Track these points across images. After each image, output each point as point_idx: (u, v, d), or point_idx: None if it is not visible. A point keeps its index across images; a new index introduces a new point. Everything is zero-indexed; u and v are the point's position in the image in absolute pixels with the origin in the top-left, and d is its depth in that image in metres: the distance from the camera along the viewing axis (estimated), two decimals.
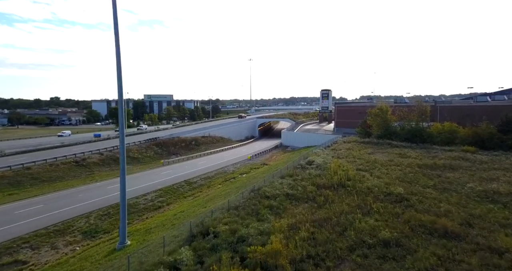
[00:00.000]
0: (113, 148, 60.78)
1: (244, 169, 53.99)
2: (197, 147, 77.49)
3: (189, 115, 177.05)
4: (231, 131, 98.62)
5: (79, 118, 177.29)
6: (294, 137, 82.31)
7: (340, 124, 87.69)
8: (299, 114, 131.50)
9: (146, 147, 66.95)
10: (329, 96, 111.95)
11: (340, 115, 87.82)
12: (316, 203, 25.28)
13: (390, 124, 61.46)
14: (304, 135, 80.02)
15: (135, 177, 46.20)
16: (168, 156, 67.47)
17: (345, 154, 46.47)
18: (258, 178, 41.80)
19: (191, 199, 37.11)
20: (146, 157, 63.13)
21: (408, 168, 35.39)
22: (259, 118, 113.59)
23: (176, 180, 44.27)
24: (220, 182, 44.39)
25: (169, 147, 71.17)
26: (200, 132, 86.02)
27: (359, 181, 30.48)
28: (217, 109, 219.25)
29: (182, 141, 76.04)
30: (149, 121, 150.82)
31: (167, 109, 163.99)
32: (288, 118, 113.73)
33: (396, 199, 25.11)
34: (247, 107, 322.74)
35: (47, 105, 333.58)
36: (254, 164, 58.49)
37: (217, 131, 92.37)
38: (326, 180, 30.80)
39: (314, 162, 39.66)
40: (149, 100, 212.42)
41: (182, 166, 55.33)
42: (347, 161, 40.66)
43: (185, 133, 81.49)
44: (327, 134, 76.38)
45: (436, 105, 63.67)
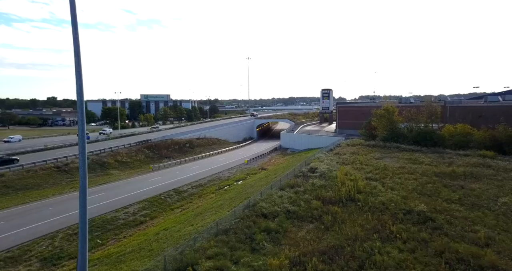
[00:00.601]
0: (100, 151, 56.37)
1: (240, 174, 49.67)
2: (192, 150, 73.09)
3: (186, 115, 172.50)
4: (228, 133, 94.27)
5: (73, 119, 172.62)
6: (293, 139, 78.03)
7: (342, 125, 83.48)
8: (298, 115, 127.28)
9: (136, 150, 62.54)
10: (330, 96, 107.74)
11: (342, 116, 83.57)
12: (323, 223, 21.01)
13: (397, 126, 57.29)
14: (304, 137, 75.77)
15: (119, 185, 41.78)
16: (160, 160, 63.08)
17: (351, 159, 42.26)
18: (255, 186, 37.53)
19: (179, 211, 32.75)
20: (136, 161, 58.72)
21: (425, 177, 31.17)
22: (258, 119, 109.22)
23: (164, 188, 39.88)
24: (213, 191, 40.05)
25: (161, 150, 66.76)
26: (195, 134, 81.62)
27: (371, 194, 26.23)
28: (215, 109, 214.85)
29: (176, 143, 71.65)
30: (145, 122, 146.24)
31: (163, 110, 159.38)
32: (287, 119, 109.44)
33: (418, 218, 20.86)
34: (245, 107, 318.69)
35: (43, 106, 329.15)
36: (251, 169, 54.19)
37: (213, 133, 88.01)
38: (333, 192, 26.53)
39: (317, 169, 35.41)
40: (145, 100, 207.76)
41: (172, 172, 50.94)
42: (353, 168, 36.44)
43: (179, 135, 77.11)
44: (328, 136, 72.17)
45: (445, 105, 59.45)
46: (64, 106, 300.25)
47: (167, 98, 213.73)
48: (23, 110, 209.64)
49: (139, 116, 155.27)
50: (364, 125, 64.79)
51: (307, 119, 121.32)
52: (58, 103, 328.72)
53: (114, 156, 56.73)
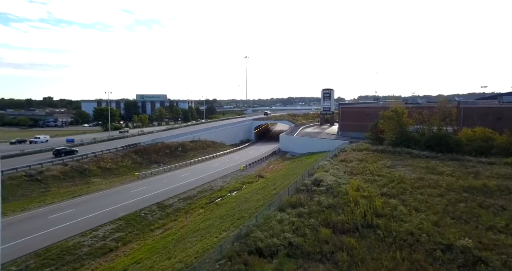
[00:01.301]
0: (81, 156, 51.04)
1: (235, 183, 44.40)
2: (184, 154, 67.76)
3: (183, 116, 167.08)
4: (224, 135, 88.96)
5: (66, 120, 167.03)
6: (293, 142, 72.80)
7: (344, 127, 78.31)
8: (298, 116, 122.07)
9: (123, 155, 57.16)
10: (331, 97, 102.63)
11: (345, 117, 78.38)
12: (336, 264, 15.82)
13: (406, 129, 52.14)
14: (305, 140, 70.55)
15: (96, 197, 36.42)
16: (148, 165, 57.77)
17: (359, 167, 37.08)
18: (250, 200, 32.30)
19: (159, 233, 27.46)
20: (122, 167, 53.37)
21: (452, 193, 25.98)
22: (255, 121, 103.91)
23: (147, 202, 34.56)
24: (202, 204, 34.77)
25: (151, 155, 61.41)
26: (189, 136, 76.28)
27: (393, 217, 21.00)
28: (213, 110, 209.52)
29: (167, 147, 66.31)
30: (139, 123, 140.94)
31: (159, 110, 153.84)
32: (286, 120, 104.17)
33: (464, 258, 15.68)
34: (244, 107, 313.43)
35: (39, 106, 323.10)
36: (247, 176, 48.94)
37: (208, 135, 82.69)
38: (345, 215, 21.29)
39: (322, 181, 30.19)
40: (141, 101, 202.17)
41: (159, 180, 45.59)
42: (364, 180, 31.24)
43: (171, 137, 71.75)
44: (331, 140, 66.99)
45: (459, 106, 54.32)
46: (60, 106, 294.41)
47: (163, 98, 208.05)
48: (15, 110, 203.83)
49: (133, 117, 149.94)
50: (370, 128, 59.64)
51: (307, 121, 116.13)
52: (54, 103, 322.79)
53: (97, 162, 51.38)
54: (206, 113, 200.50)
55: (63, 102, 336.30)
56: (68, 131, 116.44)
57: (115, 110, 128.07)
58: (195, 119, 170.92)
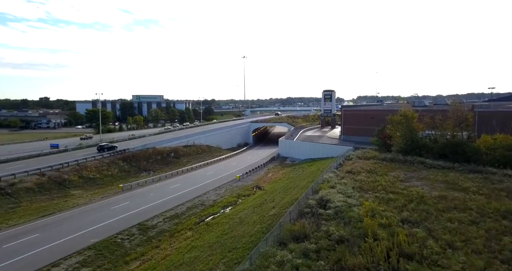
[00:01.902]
0: (61, 165, 46.37)
1: (229, 197, 39.80)
2: (177, 160, 63.10)
3: (179, 117, 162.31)
4: (220, 139, 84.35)
5: (59, 121, 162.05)
6: (293, 147, 68.26)
7: (347, 131, 73.87)
8: (297, 118, 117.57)
9: (109, 163, 52.51)
10: (332, 98, 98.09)
11: (348, 121, 73.92)
12: None
13: (417, 135, 47.70)
14: (306, 145, 66.02)
15: (69, 217, 31.63)
16: (137, 174, 53.16)
17: (369, 181, 32.58)
18: (246, 222, 27.75)
19: (135, 266, 22.83)
20: (107, 177, 48.72)
21: (487, 219, 21.38)
22: (253, 123, 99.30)
23: (127, 222, 29.92)
24: (191, 225, 30.16)
25: (140, 162, 56.75)
26: (183, 141, 71.61)
27: (424, 258, 16.42)
28: (210, 111, 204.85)
29: (158, 153, 61.64)
30: (134, 125, 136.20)
31: (154, 112, 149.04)
32: (285, 123, 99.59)
33: None
34: (242, 108, 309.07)
35: (35, 106, 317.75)
36: (243, 188, 44.37)
37: (203, 139, 78.07)
38: (363, 256, 16.74)
39: (329, 201, 25.62)
40: (137, 101, 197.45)
41: (146, 193, 40.92)
42: (377, 199, 26.71)
43: (163, 142, 67.08)
44: (334, 145, 62.48)
45: (474, 110, 49.86)
46: (56, 107, 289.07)
47: (160, 99, 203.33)
48: (8, 111, 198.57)
49: (126, 119, 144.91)
50: (376, 133, 55.13)
51: (307, 123, 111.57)
52: (50, 103, 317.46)
53: (80, 171, 46.71)
54: (204, 114, 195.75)
55: (60, 102, 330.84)
56: (59, 134, 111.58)
57: (108, 112, 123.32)
58: (192, 120, 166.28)
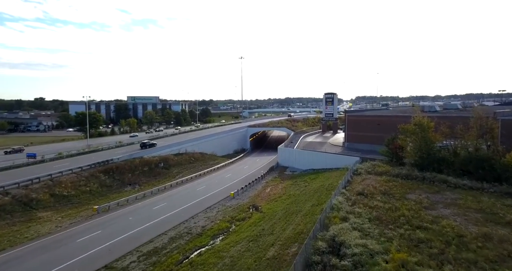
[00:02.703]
0: (31, 181, 40.43)
1: (221, 221, 34.03)
2: (166, 171, 57.27)
3: (175, 119, 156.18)
4: (215, 145, 78.54)
5: (52, 123, 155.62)
6: (294, 156, 62.54)
7: (351, 138, 68.21)
8: (297, 122, 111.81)
9: (88, 176, 46.63)
10: (334, 101, 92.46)
11: (352, 127, 68.25)
12: None
13: (434, 147, 42.12)
14: (308, 154, 60.30)
15: (17, 256, 25.50)
16: (120, 188, 47.36)
17: (388, 209, 27.11)
18: (239, 263, 21.99)
19: None
20: (84, 193, 42.84)
21: None
22: (251, 128, 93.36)
23: (89, 266, 23.96)
24: (171, 265, 24.32)
25: (125, 174, 50.90)
26: (174, 148, 65.73)
27: None
28: (207, 112, 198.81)
29: (146, 163, 55.78)
30: (127, 127, 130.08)
31: (149, 114, 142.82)
32: (284, 127, 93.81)
33: None
34: (241, 109, 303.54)
35: (29, 107, 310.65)
36: (238, 208, 38.62)
37: (197, 146, 72.22)
38: None
39: (344, 244, 20.00)
40: (132, 103, 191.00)
41: (124, 217, 35.01)
42: (404, 238, 21.17)
43: (152, 151, 61.16)
44: (338, 155, 56.77)
45: (496, 118, 44.23)
46: (51, 107, 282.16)
47: (155, 100, 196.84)
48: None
49: (120, 122, 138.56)
50: (386, 142, 49.48)
51: (308, 127, 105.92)
52: (45, 104, 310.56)
53: (52, 188, 40.81)
54: (201, 116, 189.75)
55: (55, 103, 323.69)
56: (46, 138, 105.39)
57: (99, 115, 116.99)
58: (188, 122, 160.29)
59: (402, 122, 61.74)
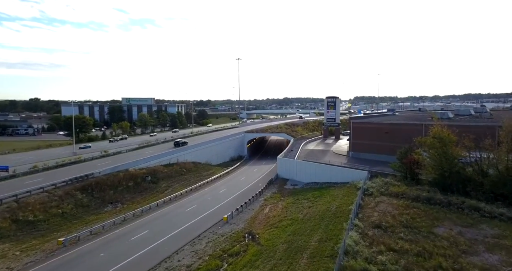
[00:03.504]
0: None
1: (210, 257, 28.22)
2: (154, 186, 51.46)
3: (170, 122, 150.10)
4: (210, 153, 72.78)
5: (43, 126, 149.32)
6: (294, 168, 56.84)
7: (357, 147, 62.61)
8: (297, 126, 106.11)
9: (63, 195, 40.73)
10: (336, 106, 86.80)
11: (357, 135, 62.62)
12: None
13: (457, 164, 36.55)
14: (310, 166, 54.56)
15: None
16: (99, 208, 41.55)
17: (417, 252, 21.55)
18: None
19: None
20: (56, 216, 37.00)
21: None
22: (248, 133, 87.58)
23: None
24: None
25: (106, 191, 45.04)
26: (164, 159, 59.89)
27: None
28: (204, 114, 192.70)
29: (131, 177, 49.93)
30: (119, 131, 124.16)
31: (142, 116, 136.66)
32: (284, 133, 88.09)
33: None
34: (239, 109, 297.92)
35: (22, 108, 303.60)
36: (232, 237, 32.84)
37: (190, 155, 66.40)
38: None
39: None
40: (127, 104, 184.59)
41: (93, 253, 28.99)
42: None
43: (139, 162, 55.22)
44: (343, 168, 51.04)
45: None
46: (46, 108, 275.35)
47: (151, 102, 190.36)
48: None
49: (118, 123, 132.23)
50: (398, 156, 43.79)
51: (308, 132, 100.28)
52: (40, 105, 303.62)
53: (16, 212, 34.90)
54: (198, 118, 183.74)
55: (50, 103, 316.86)
56: (34, 143, 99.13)
57: (89, 119, 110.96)
58: (184, 125, 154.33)
59: (412, 130, 56.17)
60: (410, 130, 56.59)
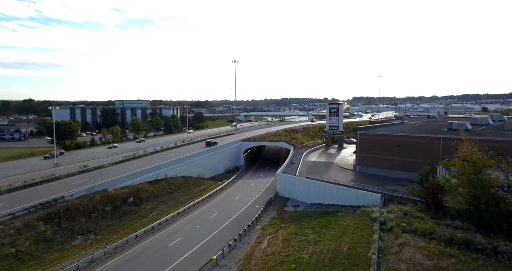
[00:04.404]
0: None
1: None
2: (137, 208, 44.65)
3: (164, 126, 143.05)
4: (203, 165, 66.05)
5: (30, 130, 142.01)
6: (296, 186, 50.20)
7: (364, 161, 56.20)
8: (296, 132, 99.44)
9: (21, 227, 33.87)
10: (339, 112, 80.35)
11: (365, 147, 56.13)
12: None
13: (496, 194, 30.12)
14: (313, 185, 47.90)
15: None
16: (65, 243, 34.70)
17: None
18: None
19: None
20: (7, 257, 30.17)
21: None
22: (245, 142, 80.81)
23: None
24: None
25: (77, 218, 38.21)
26: (150, 174, 53.06)
27: None
28: (200, 117, 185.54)
29: (110, 199, 43.08)
30: (110, 135, 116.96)
31: (135, 121, 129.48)
32: (283, 142, 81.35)
33: None
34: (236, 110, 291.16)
35: (18, 108, 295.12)
36: None
37: (179, 169, 59.60)
38: None
39: None
40: (121, 107, 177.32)
41: None
42: None
43: (121, 180, 48.26)
44: (352, 189, 44.33)
45: None
46: (39, 110, 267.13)
47: (145, 104, 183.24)
48: None
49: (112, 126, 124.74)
50: (418, 178, 37.14)
51: (309, 139, 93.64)
52: (33, 106, 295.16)
53: None
54: (193, 121, 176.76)
55: (43, 105, 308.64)
56: (16, 150, 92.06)
57: (76, 125, 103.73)
58: (179, 129, 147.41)
59: (428, 144, 49.77)
60: (426, 144, 50.09)
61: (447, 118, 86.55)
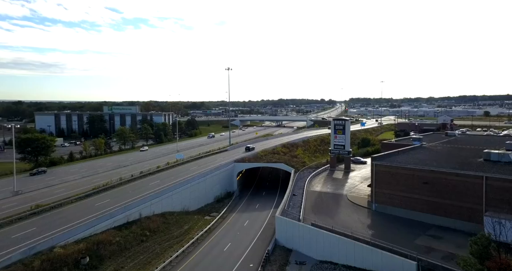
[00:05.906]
0: None
1: None
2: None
3: (154, 135, 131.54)
4: (188, 196, 55.06)
5: (9, 139, 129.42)
6: (300, 234, 39.35)
7: (382, 198, 45.76)
8: (296, 147, 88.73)
9: None
10: (345, 130, 69.71)
11: (383, 182, 45.67)
12: None
13: None
14: (322, 237, 37.07)
15: None
16: None
17: None
18: None
19: None
20: None
21: None
22: (239, 163, 69.73)
23: None
24: None
25: None
26: (119, 216, 41.84)
27: None
28: (193, 123, 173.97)
29: (54, 265, 31.85)
30: (93, 147, 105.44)
31: (121, 130, 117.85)
32: (282, 163, 70.29)
33: None
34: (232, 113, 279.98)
35: (5, 112, 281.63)
36: None
37: (158, 204, 48.46)
38: None
39: None
40: (109, 113, 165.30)
41: None
42: None
43: (78, 230, 37.02)
44: (373, 248, 33.42)
45: None
46: (27, 113, 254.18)
47: (135, 110, 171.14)
48: None
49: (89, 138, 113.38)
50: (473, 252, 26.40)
51: (310, 155, 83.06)
52: (22, 109, 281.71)
53: None
54: (186, 127, 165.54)
55: (34, 107, 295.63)
56: None
57: (50, 139, 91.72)
58: (170, 137, 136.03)
59: (465, 183, 39.36)
60: (463, 183, 39.51)
61: (469, 138, 76.20)
